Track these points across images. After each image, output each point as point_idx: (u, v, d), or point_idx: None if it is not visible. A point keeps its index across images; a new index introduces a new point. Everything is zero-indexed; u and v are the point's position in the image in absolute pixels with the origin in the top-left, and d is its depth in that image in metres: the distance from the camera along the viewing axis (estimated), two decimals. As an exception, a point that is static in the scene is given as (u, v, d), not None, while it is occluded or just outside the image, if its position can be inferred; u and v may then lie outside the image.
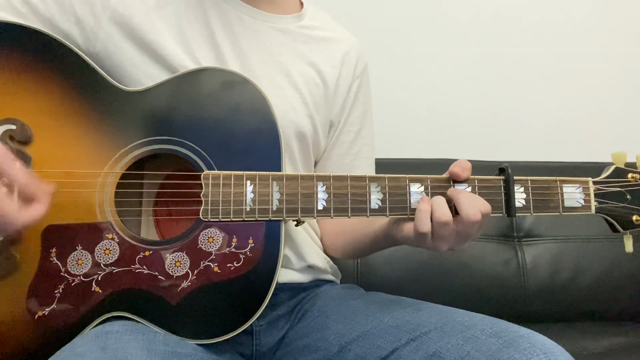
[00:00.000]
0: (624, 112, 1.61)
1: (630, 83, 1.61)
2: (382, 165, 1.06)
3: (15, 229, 0.63)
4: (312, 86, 0.93)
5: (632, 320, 1.34)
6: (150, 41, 0.84)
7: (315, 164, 1.00)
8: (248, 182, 0.75)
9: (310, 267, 0.94)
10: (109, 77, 0.79)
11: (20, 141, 0.74)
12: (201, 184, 0.75)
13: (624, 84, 1.61)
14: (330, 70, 0.96)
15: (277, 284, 0.75)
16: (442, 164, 0.79)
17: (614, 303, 1.34)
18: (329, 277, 0.98)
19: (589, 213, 0.80)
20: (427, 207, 0.73)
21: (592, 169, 0.88)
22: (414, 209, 0.76)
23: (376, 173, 1.02)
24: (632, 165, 0.83)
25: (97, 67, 0.79)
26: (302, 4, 0.99)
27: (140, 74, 0.83)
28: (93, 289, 0.73)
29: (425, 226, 0.72)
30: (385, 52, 1.54)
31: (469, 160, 0.76)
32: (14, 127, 0.74)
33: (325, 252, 1.00)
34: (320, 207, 0.76)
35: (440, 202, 0.73)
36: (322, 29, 0.98)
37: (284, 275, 0.89)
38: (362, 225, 0.91)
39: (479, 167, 1.01)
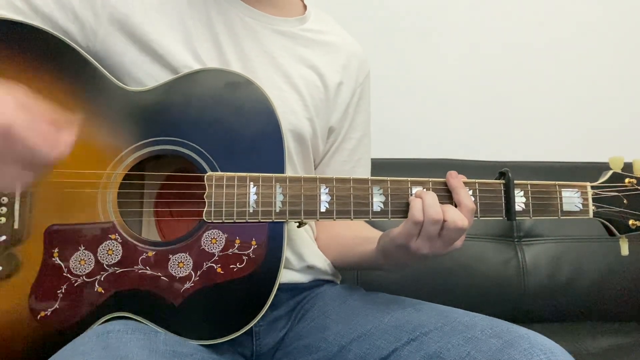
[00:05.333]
0: (623, 114, 1.62)
1: (629, 84, 1.62)
2: (383, 165, 1.06)
3: (46, 163, 0.62)
4: (313, 89, 0.93)
5: (632, 320, 1.34)
6: (150, 40, 0.83)
7: (315, 169, 1.00)
8: (251, 183, 0.76)
9: (310, 268, 0.94)
10: (111, 77, 0.79)
11: (22, 141, 0.74)
12: (204, 184, 0.75)
13: (623, 85, 1.61)
14: (331, 74, 0.95)
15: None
16: (442, 164, 0.81)
17: (614, 303, 1.34)
18: (329, 277, 0.99)
19: (587, 217, 0.82)
20: (418, 200, 0.75)
21: (590, 169, 0.89)
22: None
23: (377, 174, 1.03)
24: (628, 168, 0.84)
25: (99, 66, 0.78)
26: (305, 6, 0.99)
27: (140, 72, 0.83)
28: (96, 290, 0.73)
29: (420, 215, 0.73)
30: (385, 51, 1.54)
31: (469, 161, 0.77)
32: (16, 126, 0.74)
33: None
34: (323, 209, 0.76)
35: (433, 199, 0.74)
36: (325, 33, 0.98)
37: (284, 275, 0.89)
38: (353, 243, 0.93)
39: (478, 167, 1.02)
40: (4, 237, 0.71)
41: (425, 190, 0.78)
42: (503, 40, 1.59)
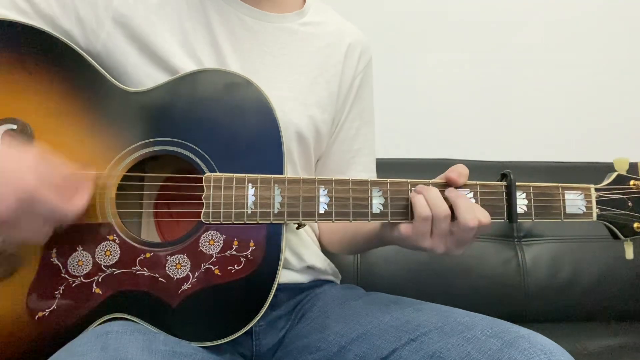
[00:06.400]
0: (625, 113, 1.61)
1: (631, 83, 1.61)
2: (383, 165, 1.06)
3: (65, 220, 0.68)
4: (315, 85, 0.92)
5: (632, 320, 1.34)
6: (151, 43, 0.84)
7: (317, 161, 1.00)
8: (249, 184, 0.75)
9: (310, 268, 0.94)
10: (110, 77, 0.79)
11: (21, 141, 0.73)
12: (202, 186, 0.75)
13: (625, 84, 1.61)
14: (333, 67, 0.95)
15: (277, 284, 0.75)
16: (442, 164, 0.80)
17: (614, 303, 1.34)
18: (329, 277, 0.99)
19: (590, 220, 0.81)
20: (420, 196, 0.74)
21: (593, 169, 0.88)
22: None
23: (377, 173, 1.02)
24: (634, 169, 0.83)
25: (99, 67, 0.78)
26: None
27: (141, 74, 0.83)
28: (93, 290, 0.73)
29: (427, 210, 0.73)
30: (386, 51, 1.53)
31: (470, 161, 0.76)
32: (14, 126, 0.74)
33: (323, 249, 1.00)
34: (321, 211, 0.76)
35: (435, 196, 0.74)
36: (324, 24, 0.97)
37: (284, 275, 0.89)
38: (357, 223, 0.91)
39: (479, 167, 1.02)
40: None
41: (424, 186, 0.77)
42: (504, 40, 1.59)
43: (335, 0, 1.04)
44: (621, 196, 0.81)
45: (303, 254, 0.92)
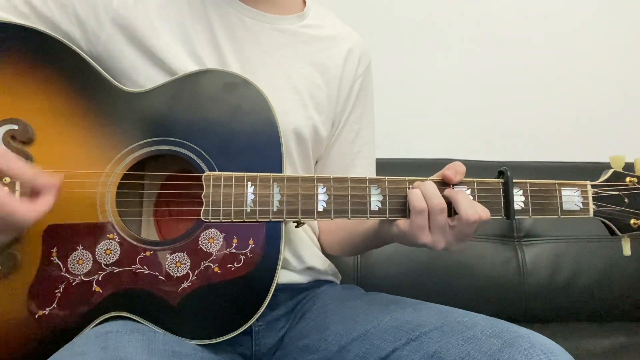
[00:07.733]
0: (623, 113, 1.61)
1: (629, 84, 1.61)
2: (382, 165, 1.06)
3: (26, 225, 0.65)
4: (314, 87, 0.92)
5: (632, 320, 1.34)
6: (151, 45, 0.84)
7: (316, 163, 1.00)
8: (249, 183, 0.76)
9: (310, 269, 0.94)
10: (111, 78, 0.79)
11: (22, 141, 0.74)
12: (202, 184, 0.75)
13: (623, 85, 1.61)
14: (332, 70, 0.95)
15: (276, 284, 0.76)
16: (442, 164, 0.80)
17: (614, 303, 1.34)
18: (329, 278, 0.98)
19: (587, 216, 0.81)
20: (416, 189, 0.75)
21: (590, 169, 0.88)
22: None
23: (376, 173, 1.03)
24: (630, 167, 0.83)
25: (99, 68, 0.79)
26: (304, 2, 0.99)
27: (141, 76, 0.83)
28: (93, 289, 0.73)
29: (422, 203, 0.73)
30: (386, 51, 1.54)
31: (469, 161, 0.77)
32: (16, 127, 0.74)
33: (324, 250, 1.00)
34: (320, 209, 0.76)
35: (431, 189, 0.74)
36: (324, 28, 0.97)
37: (283, 276, 0.89)
38: (355, 223, 0.91)
39: (478, 167, 1.02)
40: (10, 237, 0.71)
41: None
42: (503, 39, 1.59)
43: (334, 3, 1.05)
44: (617, 193, 0.81)
45: (303, 254, 0.92)
